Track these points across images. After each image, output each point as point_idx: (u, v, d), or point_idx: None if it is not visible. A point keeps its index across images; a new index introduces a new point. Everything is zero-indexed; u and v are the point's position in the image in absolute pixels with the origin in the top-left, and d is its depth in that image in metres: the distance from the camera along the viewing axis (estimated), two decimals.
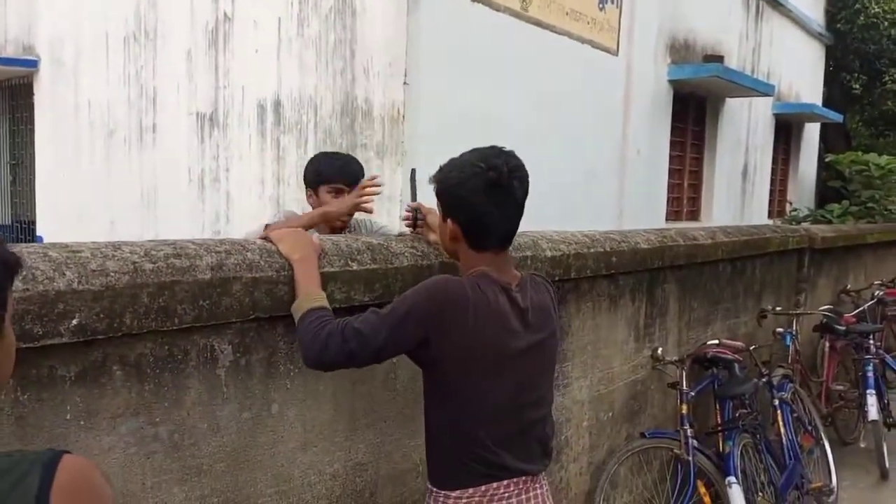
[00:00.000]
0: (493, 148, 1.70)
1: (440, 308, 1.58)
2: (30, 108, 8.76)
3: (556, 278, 2.59)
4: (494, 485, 1.64)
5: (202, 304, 1.45)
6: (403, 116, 4.71)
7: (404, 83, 4.70)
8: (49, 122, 8.38)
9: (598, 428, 3.06)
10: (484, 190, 1.62)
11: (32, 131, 8.70)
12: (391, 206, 4.81)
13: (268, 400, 1.66)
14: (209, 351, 1.52)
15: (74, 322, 1.24)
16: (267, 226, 2.23)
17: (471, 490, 1.63)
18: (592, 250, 2.78)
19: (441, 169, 1.71)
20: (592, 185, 6.60)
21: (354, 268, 1.79)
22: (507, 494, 1.65)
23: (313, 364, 1.58)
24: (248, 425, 1.61)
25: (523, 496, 1.68)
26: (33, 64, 8.48)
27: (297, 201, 2.55)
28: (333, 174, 2.59)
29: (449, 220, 1.69)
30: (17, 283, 1.17)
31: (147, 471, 1.42)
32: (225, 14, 5.89)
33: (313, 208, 2.62)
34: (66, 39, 7.94)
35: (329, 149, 5.14)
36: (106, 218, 7.40)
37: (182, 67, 6.33)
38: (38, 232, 8.73)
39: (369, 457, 1.94)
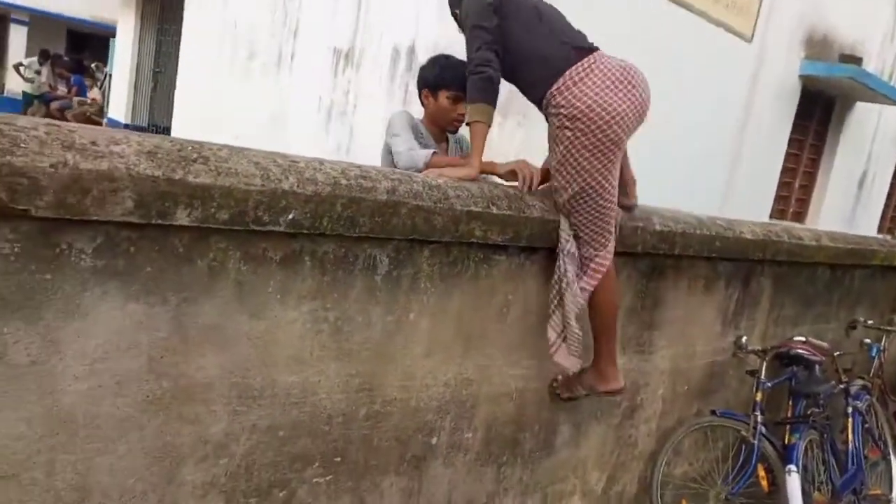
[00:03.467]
0: None
1: None
2: (179, 21, 9.41)
3: (661, 252, 2.79)
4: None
5: (376, 220, 1.76)
6: None
7: None
8: (195, 37, 8.99)
9: (672, 397, 3.27)
10: None
11: (178, 44, 9.37)
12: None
13: (408, 309, 1.98)
14: (372, 259, 1.85)
15: (290, 217, 1.57)
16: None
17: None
18: (699, 232, 2.95)
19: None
20: (703, 171, 6.59)
21: (494, 211, 2.07)
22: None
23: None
24: (391, 326, 1.95)
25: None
26: None
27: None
28: (456, 81, 2.69)
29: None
30: (257, 180, 1.51)
31: (315, 344, 1.77)
32: None
33: (426, 108, 2.92)
34: None
35: None
36: (231, 133, 7.96)
37: (328, 2, 6.67)
38: None
39: (476, 375, 2.25)
